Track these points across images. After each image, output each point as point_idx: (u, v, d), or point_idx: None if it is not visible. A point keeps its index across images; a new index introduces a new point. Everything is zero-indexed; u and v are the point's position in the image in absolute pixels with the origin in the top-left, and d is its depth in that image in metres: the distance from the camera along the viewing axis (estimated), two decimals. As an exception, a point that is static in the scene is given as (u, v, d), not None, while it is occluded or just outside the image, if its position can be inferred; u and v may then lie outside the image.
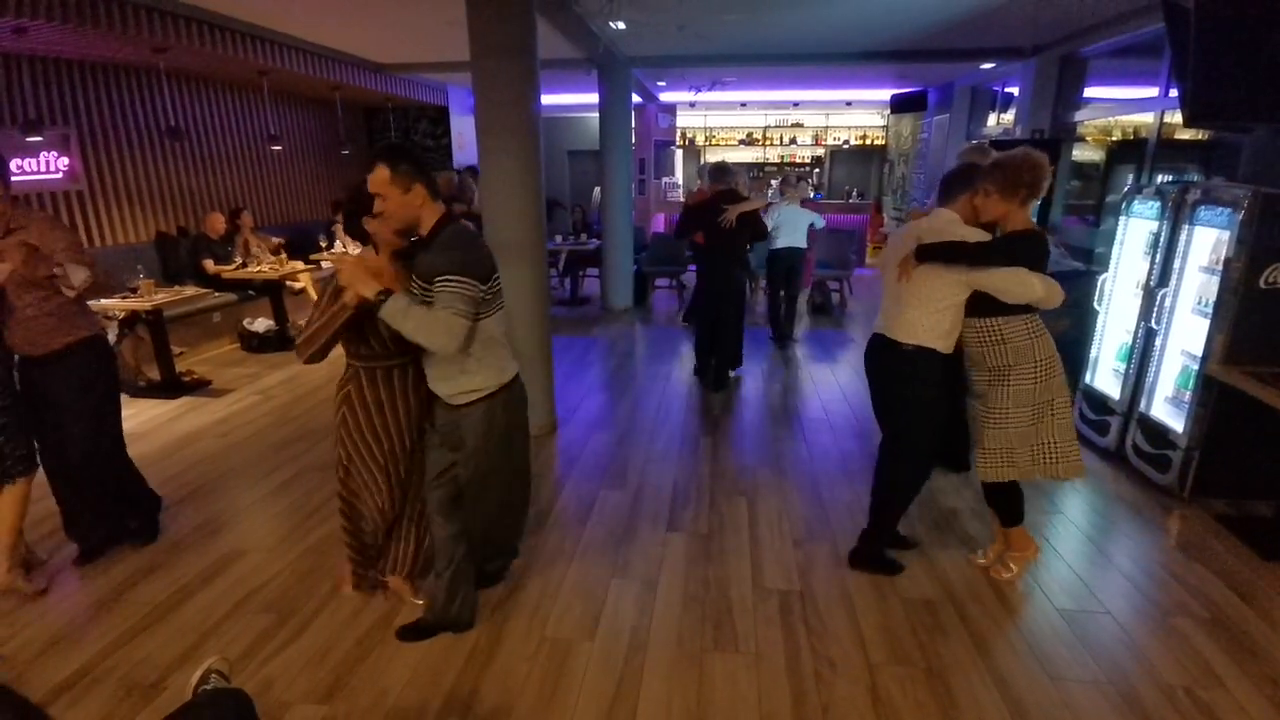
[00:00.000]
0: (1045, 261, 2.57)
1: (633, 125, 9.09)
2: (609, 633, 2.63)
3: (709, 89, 10.38)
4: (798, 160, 13.51)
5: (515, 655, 2.51)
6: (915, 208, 2.55)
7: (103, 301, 5.23)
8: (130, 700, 2.29)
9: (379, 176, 2.18)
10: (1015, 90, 8.09)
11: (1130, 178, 5.98)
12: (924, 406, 2.76)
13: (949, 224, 2.64)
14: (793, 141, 13.54)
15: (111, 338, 5.26)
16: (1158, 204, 3.80)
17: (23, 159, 5.67)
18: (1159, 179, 5.41)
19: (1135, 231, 4.09)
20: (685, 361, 6.21)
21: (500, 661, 2.48)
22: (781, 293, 6.79)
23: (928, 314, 2.64)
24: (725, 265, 5.37)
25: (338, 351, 2.41)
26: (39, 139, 5.62)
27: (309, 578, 2.98)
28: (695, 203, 5.48)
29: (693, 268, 8.67)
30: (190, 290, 5.79)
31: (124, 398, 5.28)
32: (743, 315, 5.65)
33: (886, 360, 2.77)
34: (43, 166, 5.89)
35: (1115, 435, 4.04)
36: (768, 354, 6.43)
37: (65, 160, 6.09)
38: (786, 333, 6.83)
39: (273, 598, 2.85)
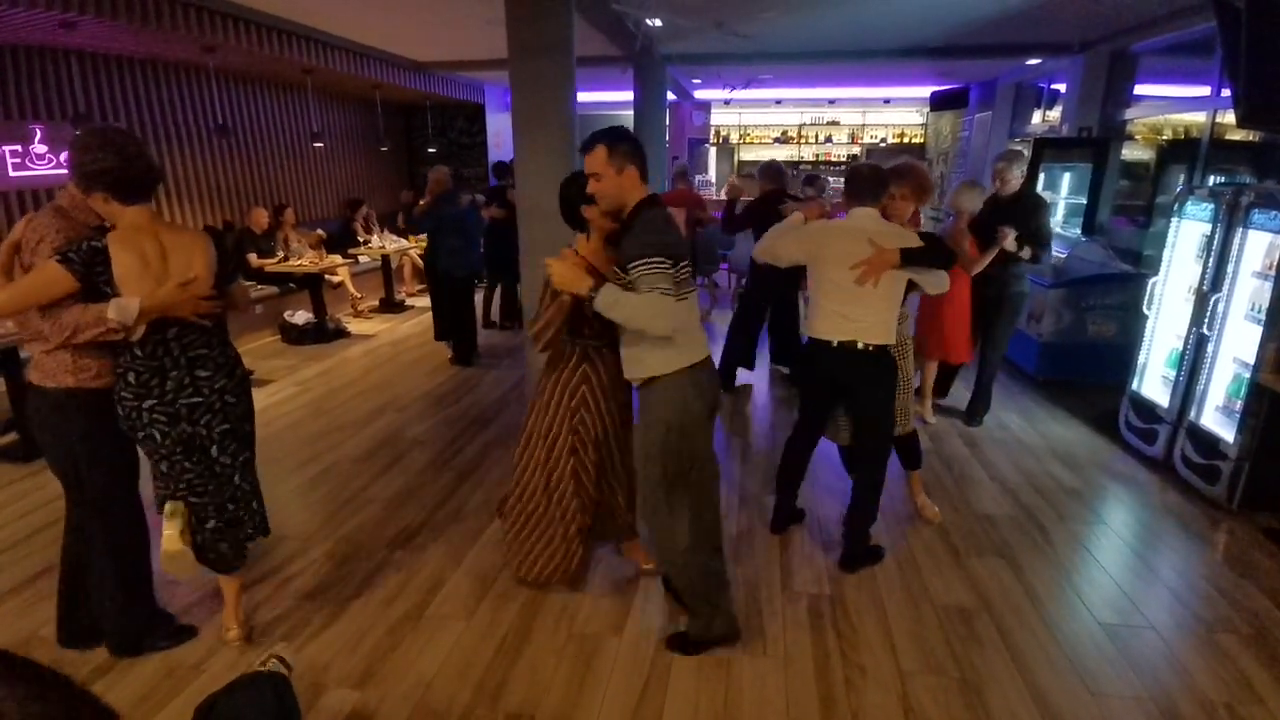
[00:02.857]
0: None
1: (667, 123, 9.08)
2: (637, 631, 2.63)
3: (744, 87, 10.32)
4: (833, 159, 13.35)
5: (544, 649, 2.52)
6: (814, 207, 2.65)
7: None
8: (170, 681, 2.36)
9: (597, 155, 2.20)
10: (1062, 87, 7.89)
11: (1181, 178, 5.79)
12: (893, 399, 2.96)
13: (882, 223, 2.80)
14: (828, 140, 13.39)
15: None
16: (1211, 206, 3.67)
17: (76, 154, 5.88)
18: (1212, 180, 5.23)
19: (1188, 234, 3.96)
20: (716, 361, 6.17)
21: (529, 655, 2.49)
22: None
23: (892, 313, 2.80)
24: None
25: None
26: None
27: (344, 566, 3.04)
28: (753, 201, 5.30)
29: (725, 266, 8.66)
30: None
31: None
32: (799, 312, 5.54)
33: (861, 367, 2.80)
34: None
35: (1163, 444, 3.91)
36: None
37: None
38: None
39: (308, 585, 2.91)
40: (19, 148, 5.54)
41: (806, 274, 2.99)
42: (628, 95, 8.27)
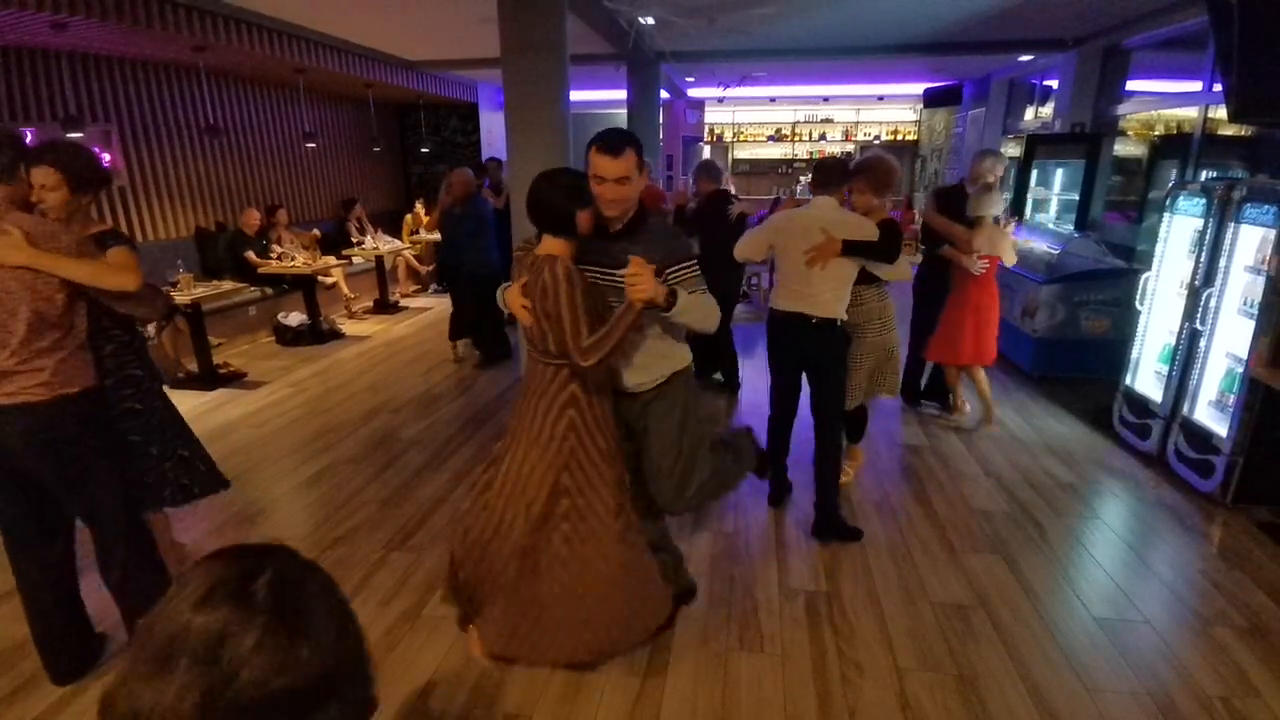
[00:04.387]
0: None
1: (660, 121, 9.07)
2: (634, 630, 2.62)
3: (738, 84, 10.31)
4: (827, 156, 13.37)
5: (541, 650, 2.52)
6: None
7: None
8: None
9: (630, 159, 2.16)
10: (1054, 83, 7.90)
11: (1174, 173, 5.81)
12: (845, 369, 3.30)
13: (840, 211, 3.11)
14: (822, 137, 13.40)
15: (151, 329, 5.39)
16: (1203, 201, 3.68)
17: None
18: (1204, 175, 5.25)
19: (1180, 229, 3.97)
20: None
21: (526, 656, 2.49)
22: None
23: (842, 292, 3.10)
24: (729, 266, 4.72)
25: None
26: (79, 135, 5.76)
27: (339, 567, 3.03)
28: (700, 204, 5.11)
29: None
30: (227, 284, 5.91)
31: (165, 388, 5.43)
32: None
33: (814, 337, 3.13)
34: (87, 163, 6.04)
35: (1157, 439, 3.92)
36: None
37: (106, 156, 6.25)
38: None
39: (304, 587, 2.89)
40: (9, 150, 5.50)
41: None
42: (621, 94, 8.27)
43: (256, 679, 0.62)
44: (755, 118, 13.39)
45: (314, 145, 8.73)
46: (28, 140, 5.60)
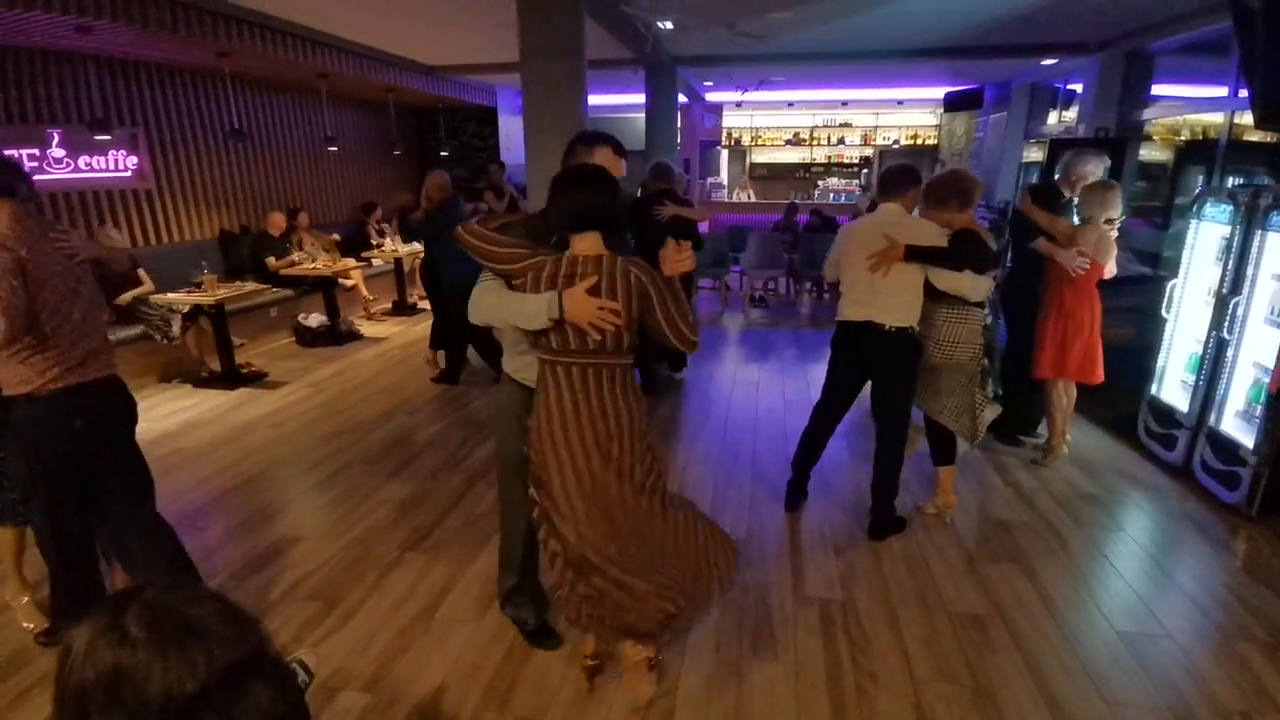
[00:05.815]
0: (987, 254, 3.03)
1: (678, 125, 9.07)
2: (647, 635, 2.62)
3: (756, 89, 10.30)
4: (845, 160, 13.31)
5: (553, 654, 2.51)
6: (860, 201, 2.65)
7: (169, 295, 5.46)
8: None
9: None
10: (1078, 87, 7.82)
11: (1200, 179, 5.72)
12: (913, 379, 3.18)
13: (905, 217, 3.04)
14: (840, 141, 13.35)
15: (176, 329, 5.48)
16: (1230, 207, 3.61)
17: (91, 156, 5.96)
18: (1230, 181, 5.16)
19: (1206, 236, 3.90)
20: (728, 363, 6.17)
21: (538, 659, 2.49)
22: None
23: (911, 300, 3.02)
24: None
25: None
26: (107, 138, 5.87)
27: (355, 567, 3.05)
28: (635, 200, 4.88)
29: (736, 269, 8.64)
30: (250, 286, 5.99)
31: (188, 387, 5.55)
32: None
33: (885, 345, 3.04)
34: (111, 165, 6.16)
35: (1183, 450, 3.85)
36: (809, 351, 6.33)
37: (134, 159, 6.36)
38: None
39: (319, 586, 2.92)
40: (36, 151, 5.61)
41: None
42: (639, 98, 8.29)
43: (164, 695, 0.66)
44: (773, 122, 13.36)
45: (335, 149, 8.84)
46: (54, 142, 5.73)
